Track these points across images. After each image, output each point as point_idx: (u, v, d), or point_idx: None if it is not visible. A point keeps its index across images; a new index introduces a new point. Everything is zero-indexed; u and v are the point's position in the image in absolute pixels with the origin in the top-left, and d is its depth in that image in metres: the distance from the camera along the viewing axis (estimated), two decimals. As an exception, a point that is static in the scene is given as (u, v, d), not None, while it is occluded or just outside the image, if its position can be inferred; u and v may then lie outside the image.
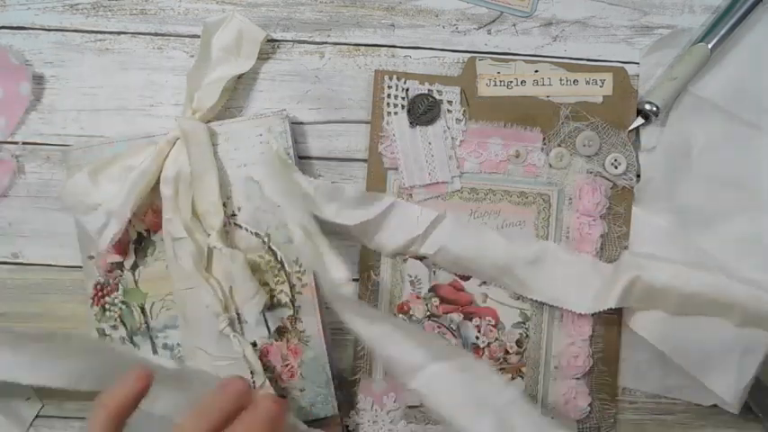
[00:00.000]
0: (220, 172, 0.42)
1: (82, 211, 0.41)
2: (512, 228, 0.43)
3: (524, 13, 0.44)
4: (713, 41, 0.42)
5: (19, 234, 0.45)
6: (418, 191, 0.43)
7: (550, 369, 0.43)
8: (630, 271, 0.40)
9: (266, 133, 0.42)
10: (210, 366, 0.41)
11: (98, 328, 0.43)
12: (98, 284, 0.43)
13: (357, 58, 0.44)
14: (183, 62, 0.44)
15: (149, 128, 0.44)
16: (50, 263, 0.45)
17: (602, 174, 0.43)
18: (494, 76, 0.43)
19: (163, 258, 0.43)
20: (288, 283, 0.42)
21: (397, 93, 0.43)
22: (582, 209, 0.43)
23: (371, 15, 0.44)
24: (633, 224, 0.43)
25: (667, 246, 0.42)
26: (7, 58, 0.43)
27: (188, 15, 0.44)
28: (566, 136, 0.43)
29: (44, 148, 0.44)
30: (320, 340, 0.42)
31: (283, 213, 0.40)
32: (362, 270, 0.43)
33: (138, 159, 0.41)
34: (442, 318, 0.43)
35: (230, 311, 0.42)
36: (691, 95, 0.43)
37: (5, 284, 0.45)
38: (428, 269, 0.43)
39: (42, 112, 0.44)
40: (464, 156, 0.43)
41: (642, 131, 0.43)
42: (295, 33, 0.44)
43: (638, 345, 0.43)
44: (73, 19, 0.44)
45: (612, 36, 0.44)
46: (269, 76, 0.44)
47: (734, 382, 0.41)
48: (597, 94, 0.43)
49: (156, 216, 0.42)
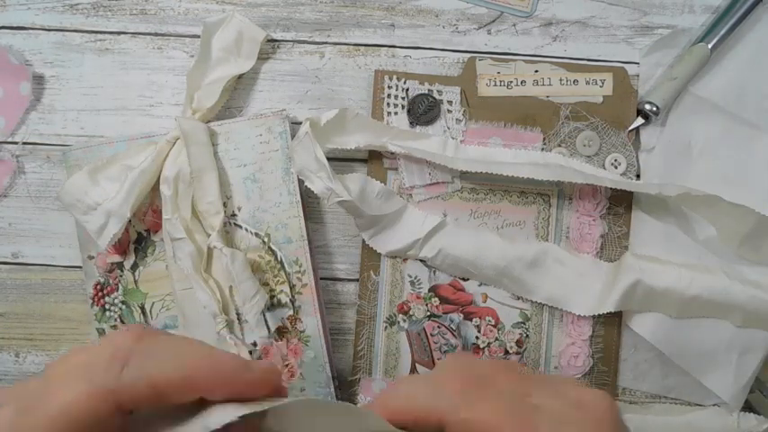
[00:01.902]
0: (220, 172, 0.42)
1: (81, 211, 0.41)
2: (512, 228, 0.43)
3: (524, 13, 0.44)
4: (713, 41, 0.42)
5: (19, 234, 0.45)
6: (418, 191, 0.43)
7: (550, 369, 0.43)
8: (631, 274, 0.40)
9: (266, 133, 0.42)
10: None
11: (98, 328, 0.43)
12: (98, 284, 0.43)
13: (357, 58, 0.44)
14: (183, 62, 0.44)
15: (149, 128, 0.44)
16: (50, 263, 0.45)
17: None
18: (494, 76, 0.43)
19: (163, 258, 0.43)
20: (288, 283, 0.42)
21: (397, 93, 0.43)
22: (582, 209, 0.43)
23: (371, 15, 0.44)
24: (633, 224, 0.43)
25: (667, 246, 0.42)
26: (7, 58, 0.43)
27: (188, 15, 0.44)
28: (566, 136, 0.43)
29: (44, 148, 0.44)
30: (320, 340, 0.42)
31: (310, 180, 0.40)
32: (362, 270, 0.43)
33: (137, 159, 0.41)
34: (442, 318, 0.43)
35: (229, 312, 0.42)
36: (691, 95, 0.43)
37: (5, 284, 0.45)
38: (428, 269, 0.43)
39: (42, 112, 0.44)
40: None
41: (642, 131, 0.43)
42: (295, 33, 0.44)
43: (639, 345, 0.43)
44: (73, 19, 0.44)
45: (612, 36, 0.44)
46: (269, 76, 0.44)
47: (733, 381, 0.41)
48: (597, 94, 0.43)
49: (156, 216, 0.42)
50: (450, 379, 0.25)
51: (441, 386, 0.24)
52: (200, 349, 0.23)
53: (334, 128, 0.41)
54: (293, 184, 0.42)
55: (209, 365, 0.22)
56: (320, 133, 0.40)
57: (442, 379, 0.25)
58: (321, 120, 0.40)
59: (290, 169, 0.42)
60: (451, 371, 0.26)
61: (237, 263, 0.40)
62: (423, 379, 0.27)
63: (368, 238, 0.43)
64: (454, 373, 0.25)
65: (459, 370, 0.26)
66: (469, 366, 0.26)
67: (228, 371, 0.23)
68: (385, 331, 0.43)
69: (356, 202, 0.40)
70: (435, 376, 0.26)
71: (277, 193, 0.42)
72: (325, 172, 0.39)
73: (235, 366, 0.23)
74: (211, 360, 0.23)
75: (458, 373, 0.25)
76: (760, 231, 0.39)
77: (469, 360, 0.27)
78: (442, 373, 0.26)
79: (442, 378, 0.25)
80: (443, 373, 0.26)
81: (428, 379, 0.26)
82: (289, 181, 0.42)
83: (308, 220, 0.43)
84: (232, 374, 0.23)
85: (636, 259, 0.41)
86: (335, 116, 0.40)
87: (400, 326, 0.43)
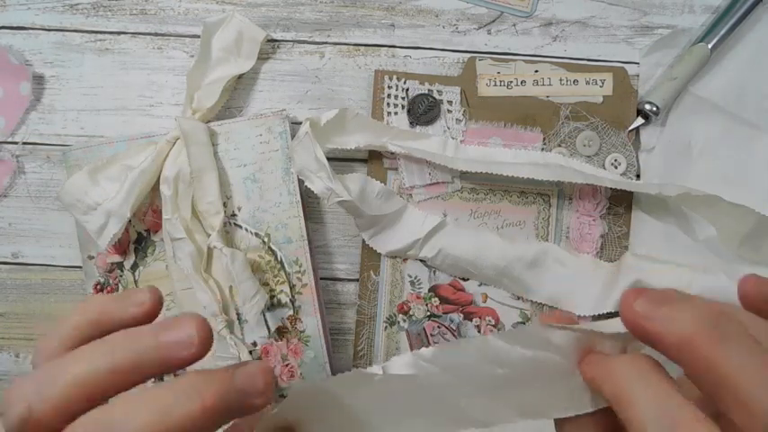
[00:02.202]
0: (220, 172, 0.42)
1: (81, 211, 0.41)
2: (512, 228, 0.43)
3: (524, 13, 0.44)
4: (713, 41, 0.42)
5: (19, 234, 0.45)
6: (418, 191, 0.43)
7: (550, 369, 0.43)
8: (631, 274, 0.40)
9: (266, 133, 0.42)
10: (210, 365, 0.41)
11: (98, 328, 0.43)
12: (98, 284, 0.43)
13: (357, 58, 0.44)
14: (183, 62, 0.44)
15: (149, 128, 0.44)
16: (50, 263, 0.45)
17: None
18: (494, 76, 0.43)
19: (163, 258, 0.43)
20: (288, 283, 0.42)
21: (397, 93, 0.43)
22: (582, 209, 0.43)
23: (371, 15, 0.44)
24: (633, 224, 0.43)
25: (667, 246, 0.42)
26: (7, 58, 0.43)
27: (188, 15, 0.44)
28: (566, 136, 0.43)
29: (44, 148, 0.44)
30: (320, 340, 0.42)
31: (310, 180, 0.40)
32: (362, 270, 0.43)
33: (137, 159, 0.41)
34: (442, 318, 0.43)
35: (229, 312, 0.42)
36: (691, 95, 0.43)
37: (5, 284, 0.45)
38: (428, 269, 0.43)
39: (42, 112, 0.44)
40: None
41: (642, 131, 0.43)
42: (295, 33, 0.44)
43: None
44: (73, 19, 0.44)
45: (612, 36, 0.44)
46: (269, 76, 0.44)
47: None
48: (597, 94, 0.43)
49: (156, 216, 0.42)
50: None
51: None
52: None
53: (334, 128, 0.41)
54: (293, 184, 0.42)
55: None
56: (320, 133, 0.40)
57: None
58: (321, 120, 0.40)
59: (290, 169, 0.42)
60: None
61: (237, 263, 0.40)
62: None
63: (368, 238, 0.42)
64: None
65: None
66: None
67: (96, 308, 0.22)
68: (385, 331, 0.43)
69: (356, 202, 0.40)
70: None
71: (277, 193, 0.42)
72: (325, 172, 0.39)
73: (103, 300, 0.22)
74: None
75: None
76: (760, 231, 0.39)
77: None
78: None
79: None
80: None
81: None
82: (289, 181, 0.42)
83: (308, 220, 0.43)
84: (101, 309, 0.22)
85: (636, 259, 0.41)
86: (335, 116, 0.40)
87: (400, 326, 0.43)
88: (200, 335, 0.21)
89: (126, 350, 0.20)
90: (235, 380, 0.21)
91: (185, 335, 0.20)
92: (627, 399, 0.20)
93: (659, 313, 0.21)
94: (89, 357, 0.20)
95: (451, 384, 0.23)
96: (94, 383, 0.19)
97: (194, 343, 0.21)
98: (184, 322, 0.21)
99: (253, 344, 0.42)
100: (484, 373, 0.23)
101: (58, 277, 0.45)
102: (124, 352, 0.20)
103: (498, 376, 0.23)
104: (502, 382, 0.23)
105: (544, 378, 0.23)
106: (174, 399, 0.19)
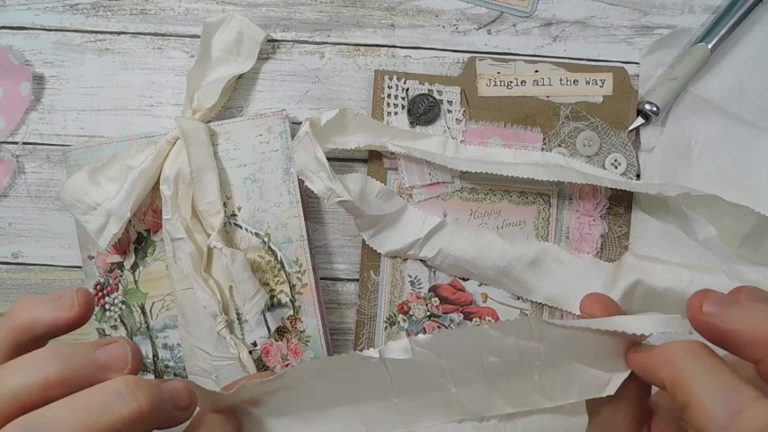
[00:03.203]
0: (220, 172, 0.42)
1: (81, 211, 0.41)
2: (512, 228, 0.43)
3: (524, 13, 0.44)
4: (713, 41, 0.42)
5: (19, 234, 0.45)
6: (418, 191, 0.43)
7: (550, 369, 0.43)
8: (631, 274, 0.40)
9: (266, 133, 0.42)
10: (210, 366, 0.42)
11: (98, 328, 0.43)
12: (98, 284, 0.43)
13: (357, 58, 0.44)
14: (183, 62, 0.44)
15: (149, 128, 0.44)
16: (50, 263, 0.45)
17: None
18: (494, 76, 0.43)
19: (163, 258, 0.43)
20: (288, 283, 0.42)
21: (397, 93, 0.43)
22: (582, 209, 0.43)
23: (371, 15, 0.44)
24: (633, 224, 0.43)
25: (667, 246, 0.42)
26: (7, 58, 0.43)
27: (188, 15, 0.44)
28: (566, 136, 0.43)
29: (44, 148, 0.44)
30: (320, 340, 0.42)
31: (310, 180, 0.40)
32: (362, 270, 0.43)
33: (137, 159, 0.41)
34: (442, 318, 0.43)
35: (229, 312, 0.42)
36: (691, 95, 0.43)
37: (5, 284, 0.45)
38: (428, 269, 0.43)
39: (42, 112, 0.44)
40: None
41: (642, 131, 0.43)
42: (295, 33, 0.44)
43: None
44: (73, 19, 0.44)
45: (612, 36, 0.44)
46: (269, 76, 0.44)
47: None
48: (597, 94, 0.43)
49: (156, 216, 0.43)
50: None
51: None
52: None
53: (334, 128, 0.41)
54: (293, 184, 0.42)
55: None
56: (320, 133, 0.40)
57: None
58: (321, 120, 0.40)
59: (290, 169, 0.42)
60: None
61: (237, 263, 0.40)
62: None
63: (368, 238, 0.42)
64: None
65: None
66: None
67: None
68: (385, 331, 0.43)
69: (356, 202, 0.40)
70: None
71: (277, 193, 0.42)
72: (326, 172, 0.39)
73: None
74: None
75: None
76: (760, 231, 0.39)
77: None
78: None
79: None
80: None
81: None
82: (289, 181, 0.42)
83: (308, 220, 0.43)
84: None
85: (636, 259, 0.41)
86: (335, 116, 0.40)
87: (400, 326, 0.43)
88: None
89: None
90: (164, 390, 0.22)
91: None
92: (687, 382, 0.21)
93: (729, 313, 0.21)
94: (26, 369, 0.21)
95: (445, 370, 0.24)
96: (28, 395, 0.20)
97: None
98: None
99: (253, 344, 0.42)
100: (477, 361, 0.23)
101: (58, 277, 0.45)
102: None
103: (491, 364, 0.23)
104: (494, 371, 0.24)
105: (535, 369, 0.23)
106: (112, 399, 0.20)
